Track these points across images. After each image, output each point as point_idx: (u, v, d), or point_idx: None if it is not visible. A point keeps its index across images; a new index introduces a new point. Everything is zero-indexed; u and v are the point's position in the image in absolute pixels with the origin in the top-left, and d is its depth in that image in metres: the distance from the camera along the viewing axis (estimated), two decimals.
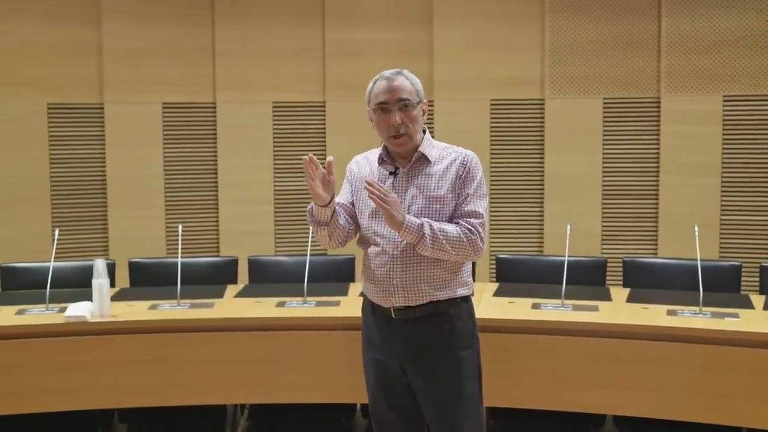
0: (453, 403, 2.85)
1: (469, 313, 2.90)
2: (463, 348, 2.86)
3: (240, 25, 5.94)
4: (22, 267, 4.70)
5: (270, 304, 4.05)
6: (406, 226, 2.68)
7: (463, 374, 2.85)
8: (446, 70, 5.92)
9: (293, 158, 6.02)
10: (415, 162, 2.83)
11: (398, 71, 2.85)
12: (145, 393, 3.87)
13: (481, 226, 2.76)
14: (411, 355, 2.84)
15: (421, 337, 2.83)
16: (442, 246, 2.70)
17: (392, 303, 2.82)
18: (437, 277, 2.80)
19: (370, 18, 5.99)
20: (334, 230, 2.82)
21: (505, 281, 4.58)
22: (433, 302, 2.81)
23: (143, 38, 5.85)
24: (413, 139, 2.81)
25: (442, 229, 2.71)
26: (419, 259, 2.78)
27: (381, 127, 2.83)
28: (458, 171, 2.80)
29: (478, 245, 2.74)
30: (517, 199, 6.00)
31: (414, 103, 2.80)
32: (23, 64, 5.72)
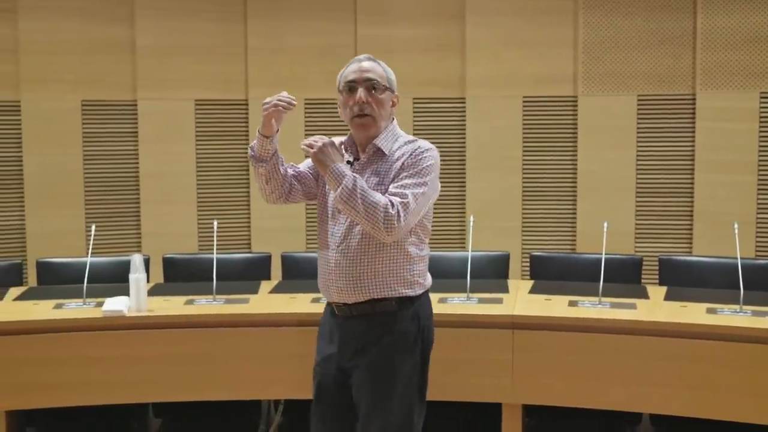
0: (379, 405, 2.75)
1: (415, 315, 2.77)
2: (400, 352, 2.75)
3: (272, 21, 5.94)
4: (58, 262, 4.74)
5: (305, 300, 4.05)
6: (331, 170, 2.61)
7: (395, 373, 2.74)
8: (478, 67, 5.89)
9: None
10: (371, 155, 2.77)
11: (371, 57, 2.84)
12: (180, 387, 3.89)
13: (402, 206, 2.60)
14: (346, 352, 2.78)
15: (355, 334, 2.76)
16: (355, 203, 2.57)
17: (331, 298, 2.80)
18: (375, 275, 2.71)
19: (402, 15, 5.97)
20: (272, 173, 2.75)
21: (540, 279, 4.56)
22: (371, 301, 2.73)
23: (176, 35, 5.87)
24: (377, 123, 2.75)
25: (365, 189, 2.60)
26: (355, 257, 2.71)
27: (346, 107, 2.77)
28: (406, 160, 2.71)
29: (392, 222, 2.58)
30: (549, 197, 5.96)
31: (382, 86, 2.75)
32: (58, 61, 5.76)
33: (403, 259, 2.73)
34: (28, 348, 3.79)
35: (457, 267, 4.73)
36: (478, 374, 3.79)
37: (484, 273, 4.55)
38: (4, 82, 5.72)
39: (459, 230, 6.02)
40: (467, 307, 3.91)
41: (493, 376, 3.78)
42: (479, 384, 3.80)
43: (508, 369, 3.76)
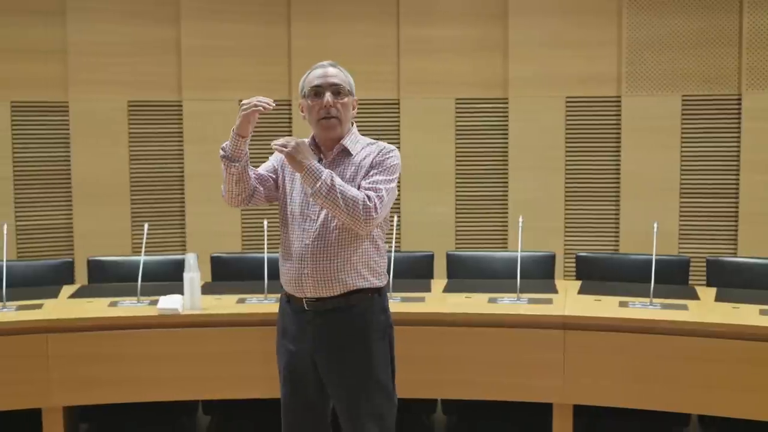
0: (361, 391, 2.87)
1: (382, 306, 2.92)
2: (374, 339, 2.88)
3: (315, 23, 5.98)
4: (109, 260, 4.81)
5: None
6: (308, 168, 2.71)
7: (373, 363, 2.87)
8: (521, 68, 5.89)
9: None
10: (337, 154, 2.88)
11: (333, 63, 2.95)
12: (232, 385, 3.93)
13: (378, 199, 2.76)
14: (321, 347, 2.86)
15: (332, 328, 2.86)
16: (335, 198, 2.69)
17: (304, 293, 2.85)
18: (352, 267, 2.83)
19: (445, 15, 5.98)
20: (243, 175, 2.83)
21: (586, 279, 4.55)
22: (344, 294, 2.83)
23: (220, 36, 5.93)
24: (342, 125, 2.88)
25: (342, 185, 2.73)
26: (330, 251, 2.81)
27: (313, 110, 2.87)
28: (373, 159, 2.86)
29: (371, 214, 2.73)
30: (592, 198, 5.95)
31: (345, 91, 2.89)
32: (104, 63, 5.84)
33: (373, 251, 2.89)
34: (83, 345, 3.85)
35: (501, 267, 4.74)
36: (529, 374, 3.81)
37: (529, 273, 4.55)
38: (52, 83, 5.80)
39: (501, 230, 6.02)
40: (518, 307, 3.92)
41: (544, 376, 3.79)
42: (530, 384, 3.81)
43: (560, 369, 3.76)
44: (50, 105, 5.83)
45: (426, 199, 6.00)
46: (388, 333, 2.94)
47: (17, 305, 3.99)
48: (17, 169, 5.82)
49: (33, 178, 5.87)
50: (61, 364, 3.82)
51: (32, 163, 5.85)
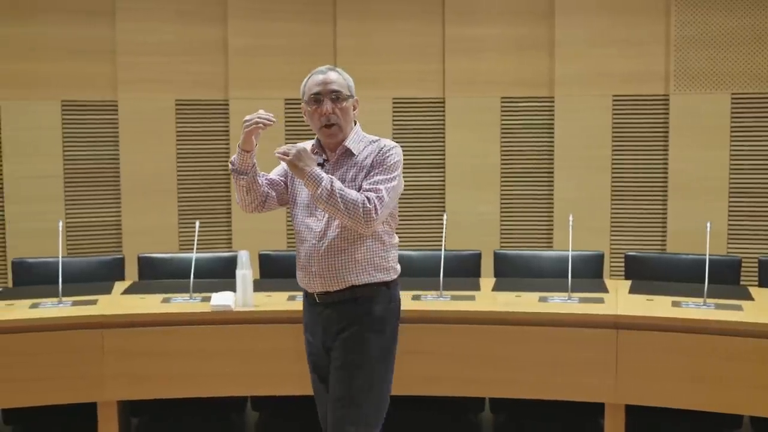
0: (347, 377, 2.92)
1: (390, 298, 2.99)
2: (373, 330, 2.94)
3: (361, 22, 6.00)
4: (159, 257, 4.86)
5: (406, 297, 4.07)
6: (309, 174, 2.79)
7: (368, 352, 2.92)
8: (567, 66, 5.87)
9: (412, 154, 6.05)
10: (340, 155, 2.96)
11: (332, 67, 3.01)
12: (282, 382, 3.96)
13: (378, 200, 2.83)
14: (329, 336, 2.96)
15: (338, 319, 2.95)
16: (336, 202, 2.78)
17: (314, 288, 2.96)
18: (355, 264, 2.91)
19: (491, 14, 5.97)
20: (252, 184, 2.94)
21: (635, 279, 4.51)
22: (350, 288, 2.92)
23: (267, 35, 5.97)
24: (343, 130, 2.94)
25: (342, 188, 2.81)
26: (336, 249, 2.90)
27: (314, 117, 2.95)
28: (375, 158, 2.93)
29: (371, 215, 2.81)
30: (639, 197, 5.91)
31: (345, 96, 2.94)
32: (152, 62, 5.91)
33: (378, 248, 2.95)
34: (137, 340, 3.90)
35: (549, 266, 4.72)
36: (579, 374, 3.79)
37: (577, 272, 4.51)
38: (102, 82, 5.89)
39: (546, 229, 6.00)
40: (569, 306, 3.91)
41: (595, 375, 3.77)
42: (581, 383, 3.80)
43: (612, 369, 3.74)
44: (100, 104, 5.91)
45: (471, 197, 5.99)
46: (390, 325, 3.00)
47: (72, 300, 4.06)
48: (67, 167, 5.92)
49: (83, 176, 5.95)
50: (116, 359, 3.87)
51: (82, 162, 5.94)
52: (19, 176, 5.82)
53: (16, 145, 5.80)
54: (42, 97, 5.82)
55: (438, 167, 6.07)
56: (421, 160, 6.08)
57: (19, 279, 4.69)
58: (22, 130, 5.80)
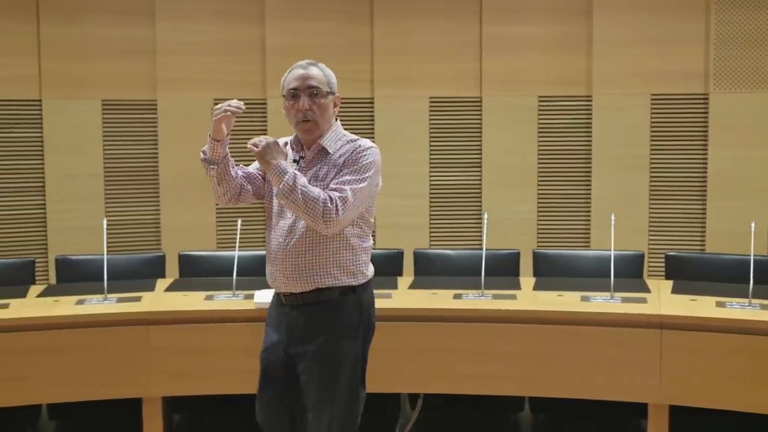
0: (324, 387, 2.91)
1: (358, 303, 2.94)
2: (344, 336, 2.91)
3: (398, 21, 6.01)
4: (198, 255, 4.90)
5: (447, 296, 4.10)
6: (274, 167, 2.77)
7: (341, 360, 2.91)
8: (605, 65, 5.84)
9: (449, 153, 6.07)
10: (315, 153, 2.93)
11: (313, 62, 2.97)
12: None
13: (341, 200, 2.78)
14: (292, 339, 2.95)
15: (301, 322, 2.93)
16: (296, 199, 2.74)
17: (279, 288, 2.96)
18: (320, 266, 2.88)
19: (528, 12, 5.96)
20: (223, 175, 2.93)
21: (676, 278, 4.48)
22: (316, 290, 2.89)
23: (304, 35, 6.00)
24: (320, 127, 2.91)
25: (305, 185, 2.76)
26: (301, 248, 2.88)
27: (290, 112, 2.93)
28: (347, 157, 2.89)
29: (331, 215, 2.76)
30: (678, 196, 5.87)
31: (324, 92, 2.91)
32: (191, 62, 5.96)
33: (346, 251, 2.90)
34: (181, 337, 3.94)
35: (589, 265, 4.70)
36: (623, 374, 3.78)
37: (617, 272, 4.48)
38: (142, 81, 5.95)
39: (584, 229, 5.98)
40: (612, 306, 3.89)
41: (639, 376, 3.75)
42: (624, 384, 3.78)
43: (656, 369, 3.72)
44: (139, 103, 5.97)
45: (508, 197, 5.99)
46: (360, 330, 2.96)
47: (117, 297, 4.11)
48: (107, 165, 5.98)
49: (122, 175, 6.02)
50: (161, 356, 3.91)
51: (122, 160, 6.01)
52: (61, 174, 5.89)
53: (57, 144, 5.88)
54: (83, 96, 5.89)
55: (475, 167, 6.06)
56: (457, 160, 6.08)
57: (63, 276, 4.75)
58: (63, 128, 5.88)
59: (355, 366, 2.96)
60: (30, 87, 5.81)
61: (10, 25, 5.75)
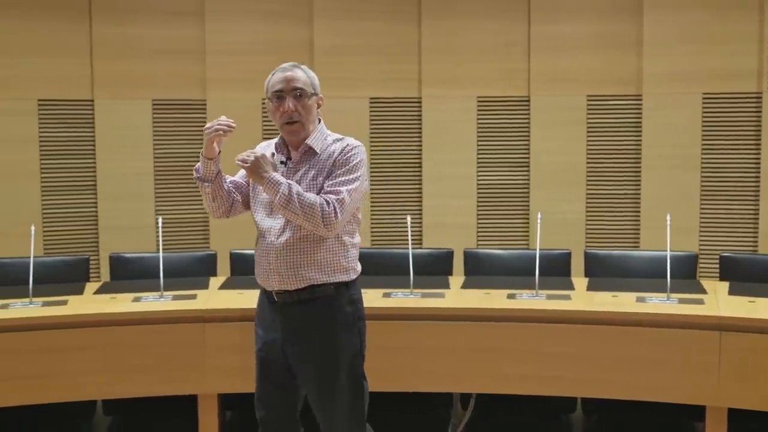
0: (330, 381, 2.96)
1: (351, 299, 2.99)
2: (340, 330, 2.95)
3: (446, 21, 6.00)
4: (249, 254, 4.90)
5: (500, 296, 4.09)
6: (267, 180, 2.83)
7: (340, 354, 2.95)
8: (656, 63, 5.79)
9: (496, 152, 6.06)
10: (302, 154, 2.97)
11: (296, 64, 3.02)
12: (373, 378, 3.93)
13: (338, 203, 2.84)
14: (289, 338, 2.97)
15: (298, 319, 2.95)
16: (294, 208, 2.80)
17: (272, 286, 2.97)
18: (312, 263, 2.91)
19: (577, 11, 5.93)
20: (217, 191, 3.01)
21: (730, 280, 4.43)
22: (310, 287, 2.92)
23: (352, 35, 6.02)
24: (305, 128, 2.96)
25: (300, 193, 2.82)
26: (294, 247, 2.91)
27: (276, 114, 2.98)
28: (337, 157, 2.93)
29: (330, 219, 2.82)
30: (729, 197, 5.80)
31: (308, 93, 2.96)
32: (240, 62, 6.00)
33: (338, 248, 2.95)
34: (236, 335, 3.96)
35: (641, 266, 4.66)
36: (681, 376, 3.74)
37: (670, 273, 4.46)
38: (191, 81, 6.01)
39: (633, 229, 5.93)
40: (669, 307, 3.86)
41: (696, 378, 3.71)
42: (682, 385, 3.74)
43: (714, 371, 3.68)
44: (189, 103, 6.03)
45: (556, 197, 5.95)
46: (357, 325, 3.01)
47: (173, 295, 4.15)
48: (157, 164, 6.06)
49: (172, 174, 6.08)
50: (216, 353, 3.94)
51: (171, 159, 6.07)
52: (112, 173, 5.97)
53: (109, 143, 5.96)
54: (134, 96, 5.96)
55: (522, 166, 6.04)
56: (505, 159, 6.07)
57: (116, 273, 4.81)
58: (114, 128, 5.96)
59: (354, 359, 3.00)
60: (82, 87, 5.90)
61: (63, 25, 5.84)
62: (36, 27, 5.79)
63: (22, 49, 5.77)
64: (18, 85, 5.79)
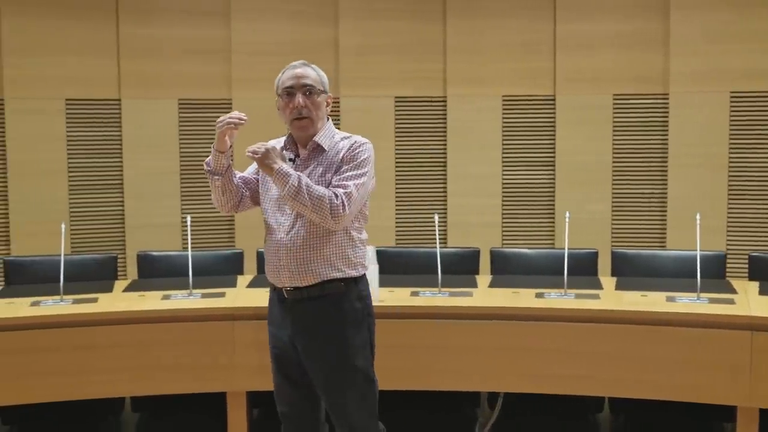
0: (339, 376, 2.97)
1: (360, 294, 3.01)
2: (349, 326, 2.97)
3: (471, 20, 5.99)
4: None
5: (529, 295, 4.08)
6: (277, 171, 2.84)
7: (349, 350, 2.96)
8: (683, 62, 5.75)
9: (521, 151, 6.04)
10: (311, 151, 2.99)
11: (305, 63, 3.05)
12: (401, 377, 3.97)
13: (346, 196, 2.86)
14: (299, 332, 2.99)
15: (308, 315, 2.97)
16: (303, 199, 2.82)
17: (282, 283, 2.99)
18: (322, 258, 2.93)
19: (603, 10, 5.90)
20: (227, 184, 3.02)
21: (760, 279, 4.40)
22: (319, 284, 2.94)
23: (377, 34, 6.03)
24: (315, 124, 2.98)
25: (309, 185, 2.84)
26: (304, 243, 2.93)
27: (286, 110, 3.00)
28: (345, 154, 2.95)
29: (338, 211, 2.84)
30: (758, 196, 5.75)
31: (318, 90, 2.99)
32: (266, 61, 5.99)
33: (348, 243, 2.98)
34: (263, 333, 3.93)
35: (669, 265, 4.64)
36: (711, 376, 3.72)
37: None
38: (217, 81, 6.03)
39: (659, 228, 5.90)
40: (700, 306, 3.84)
41: (728, 378, 3.69)
42: (712, 386, 3.72)
43: (746, 372, 3.66)
44: (215, 102, 6.05)
45: (581, 196, 5.93)
46: (366, 321, 3.03)
47: (202, 293, 4.17)
48: (183, 163, 6.09)
49: (198, 173, 6.10)
50: (245, 350, 3.96)
51: (197, 158, 6.09)
52: (138, 172, 6.01)
53: (135, 142, 6.00)
54: (160, 95, 6.00)
55: (548, 165, 6.03)
56: (530, 158, 6.05)
57: (143, 272, 4.84)
58: (141, 127, 6.00)
59: (363, 355, 3.01)
60: (109, 87, 5.95)
61: (90, 26, 5.89)
62: (63, 27, 5.84)
63: (50, 49, 5.82)
64: (46, 84, 5.84)
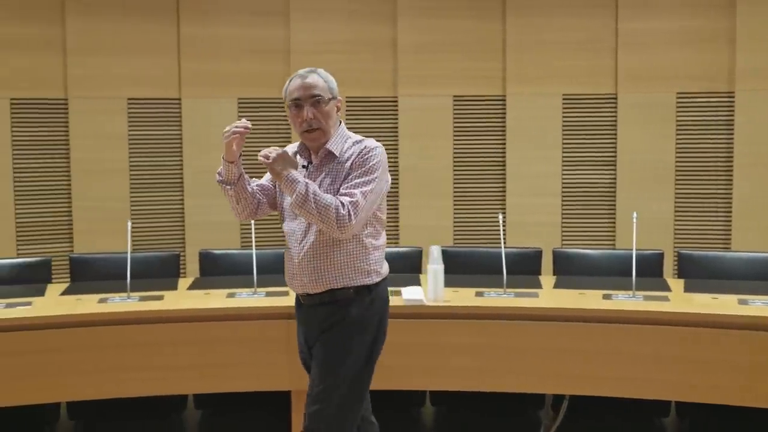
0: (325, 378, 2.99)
1: (371, 301, 3.01)
2: (353, 333, 2.99)
3: (531, 18, 5.94)
4: None
5: (596, 296, 4.03)
6: (285, 178, 2.87)
7: (345, 356, 2.98)
8: (750, 59, 5.64)
9: (582, 150, 5.97)
10: (323, 158, 3.00)
11: (313, 70, 3.03)
12: (467, 376, 3.95)
13: (352, 205, 2.85)
14: (312, 336, 3.07)
15: (319, 320, 3.02)
16: (309, 207, 2.83)
17: (297, 290, 3.07)
18: (332, 267, 2.96)
19: (666, 6, 5.81)
20: (241, 193, 3.05)
21: None
22: (330, 291, 2.97)
23: (435, 33, 6.00)
24: (326, 134, 2.98)
25: (317, 193, 2.84)
26: (315, 252, 2.95)
27: (295, 122, 3.01)
28: (355, 160, 2.94)
29: (344, 221, 2.83)
30: None
31: (326, 99, 2.97)
32: (324, 60, 5.91)
33: (359, 251, 2.98)
34: None
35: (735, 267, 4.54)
36: None
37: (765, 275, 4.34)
38: (276, 80, 6.02)
39: (723, 229, 5.78)
40: None
41: None
42: None
43: None
44: (273, 101, 6.07)
45: (643, 196, 5.84)
46: (372, 327, 3.03)
47: (266, 291, 4.19)
48: (243, 161, 6.08)
49: (257, 171, 6.09)
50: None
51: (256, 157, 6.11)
52: (198, 171, 6.06)
53: (195, 141, 6.05)
54: (220, 94, 6.04)
55: (609, 165, 5.95)
56: (591, 158, 5.98)
57: (205, 270, 4.88)
58: (201, 126, 6.04)
59: (359, 362, 3.01)
60: (170, 86, 6.01)
61: (151, 26, 5.95)
62: (125, 28, 5.91)
63: (112, 49, 5.90)
64: (108, 84, 5.92)
